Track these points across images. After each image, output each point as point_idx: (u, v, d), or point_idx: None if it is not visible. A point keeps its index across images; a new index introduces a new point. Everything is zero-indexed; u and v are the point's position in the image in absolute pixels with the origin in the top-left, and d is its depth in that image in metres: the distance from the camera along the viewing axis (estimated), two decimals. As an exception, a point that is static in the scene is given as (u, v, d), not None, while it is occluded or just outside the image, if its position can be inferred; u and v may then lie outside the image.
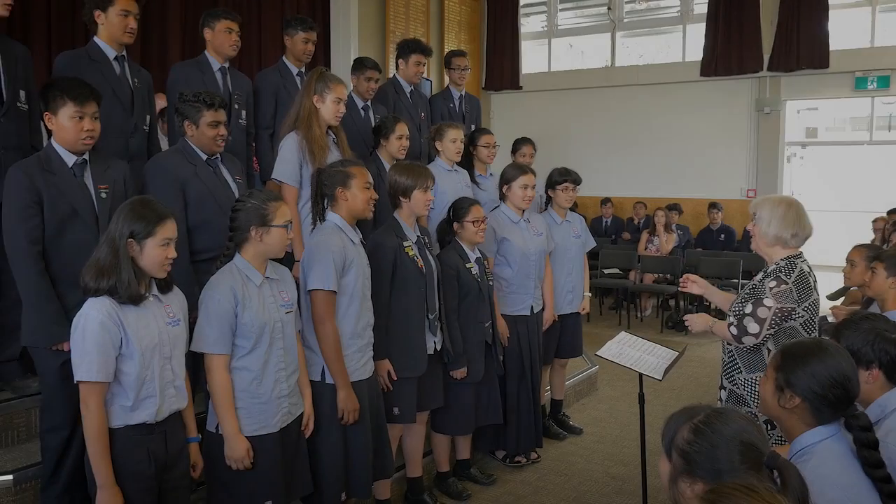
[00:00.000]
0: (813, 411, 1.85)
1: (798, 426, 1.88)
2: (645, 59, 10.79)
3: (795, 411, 1.87)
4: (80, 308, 2.35)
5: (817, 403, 1.84)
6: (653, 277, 8.70)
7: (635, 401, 3.72)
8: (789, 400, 1.87)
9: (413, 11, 9.69)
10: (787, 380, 1.88)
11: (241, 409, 2.66)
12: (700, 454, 1.53)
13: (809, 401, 1.85)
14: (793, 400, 1.87)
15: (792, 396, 1.87)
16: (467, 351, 3.75)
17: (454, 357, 3.67)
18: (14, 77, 3.19)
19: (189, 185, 3.14)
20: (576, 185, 4.63)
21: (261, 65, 8.23)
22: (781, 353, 1.96)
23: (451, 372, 3.70)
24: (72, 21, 6.90)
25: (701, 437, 1.55)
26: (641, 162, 10.40)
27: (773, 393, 1.92)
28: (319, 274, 2.95)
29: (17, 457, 3.18)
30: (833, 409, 1.85)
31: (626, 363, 3.57)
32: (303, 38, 4.48)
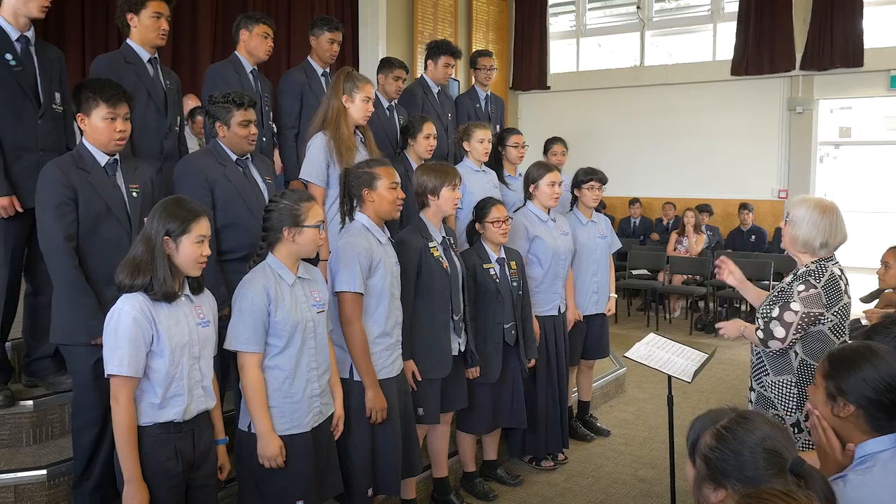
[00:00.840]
0: (868, 418, 1.79)
1: (856, 434, 1.81)
2: (674, 58, 10.69)
3: (850, 419, 1.81)
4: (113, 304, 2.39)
5: (872, 409, 1.78)
6: (682, 278, 8.62)
7: (663, 403, 3.69)
8: (843, 409, 1.81)
9: (441, 12, 9.70)
10: (839, 388, 1.81)
11: (273, 408, 2.67)
12: (722, 460, 1.51)
13: (864, 408, 1.78)
14: (847, 408, 1.80)
15: (845, 405, 1.81)
16: (482, 352, 3.74)
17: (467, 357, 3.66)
18: (50, 80, 3.25)
19: (218, 186, 3.17)
20: (601, 185, 4.60)
21: (290, 65, 8.29)
22: (829, 360, 1.89)
23: (464, 371, 3.69)
24: (105, 24, 7.01)
25: (723, 443, 1.52)
26: (670, 162, 10.31)
27: (824, 402, 1.85)
28: (346, 276, 2.97)
29: (50, 452, 3.23)
30: (888, 414, 1.78)
31: (655, 365, 3.54)
32: (328, 38, 4.51)
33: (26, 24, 3.18)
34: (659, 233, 9.84)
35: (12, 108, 3.12)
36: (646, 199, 10.32)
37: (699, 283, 8.46)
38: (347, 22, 8.57)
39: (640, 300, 9.28)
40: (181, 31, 7.29)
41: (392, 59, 4.80)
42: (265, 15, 4.25)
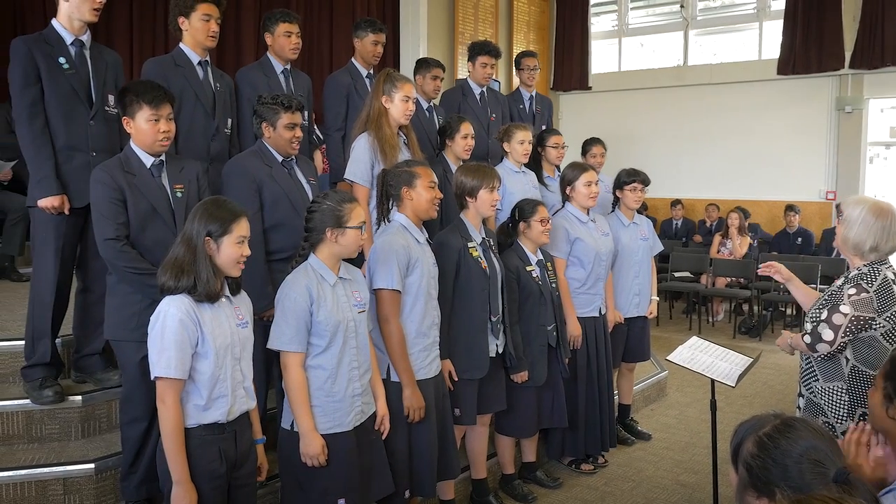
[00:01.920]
0: None
1: None
2: (719, 57, 10.52)
3: None
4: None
5: None
6: (725, 281, 8.48)
7: (706, 407, 3.64)
8: None
9: (482, 12, 9.69)
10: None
11: (315, 407, 2.69)
12: (764, 469, 1.47)
13: None
14: None
15: None
16: (529, 354, 3.72)
17: (515, 360, 3.65)
18: (103, 82, 3.32)
19: (265, 187, 3.21)
20: (644, 186, 4.55)
21: (331, 66, 8.37)
22: (891, 360, 1.85)
23: (512, 375, 3.68)
24: (153, 28, 7.16)
25: (765, 451, 1.49)
26: (714, 163, 10.16)
27: (881, 403, 1.81)
28: (384, 274, 2.98)
29: (98, 446, 3.30)
30: None
31: (698, 369, 3.49)
32: (372, 39, 4.54)
33: (81, 27, 3.26)
34: (702, 234, 9.71)
35: (64, 110, 3.20)
36: (688, 201, 10.18)
37: (743, 285, 8.32)
38: (388, 23, 8.62)
39: (683, 303, 9.16)
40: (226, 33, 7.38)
41: (428, 59, 4.81)
42: (287, 12, 4.21)
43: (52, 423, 3.33)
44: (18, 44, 3.17)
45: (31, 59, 3.14)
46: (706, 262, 8.58)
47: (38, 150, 3.16)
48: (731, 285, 8.44)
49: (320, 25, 8.56)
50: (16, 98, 3.17)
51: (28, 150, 3.18)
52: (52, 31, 3.24)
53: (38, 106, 3.16)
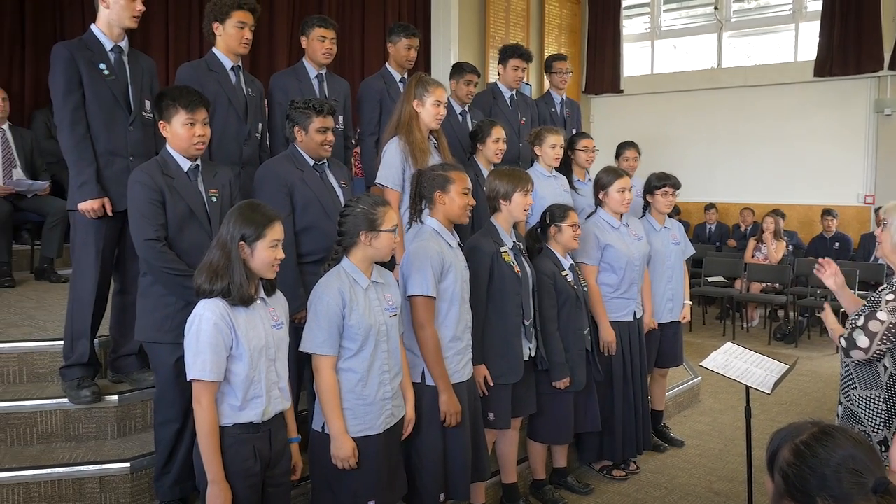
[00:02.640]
0: None
1: None
2: (753, 59, 10.39)
3: None
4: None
5: None
6: (760, 286, 8.37)
7: (740, 414, 3.59)
8: None
9: (513, 16, 9.69)
10: None
11: (346, 410, 2.71)
12: (801, 478, 1.45)
13: None
14: None
15: None
16: (569, 360, 3.71)
17: (556, 366, 3.63)
18: (141, 88, 3.38)
19: (296, 190, 3.24)
20: (675, 190, 4.51)
21: (363, 70, 8.43)
22: None
23: (554, 382, 3.66)
24: (188, 34, 7.27)
25: (802, 459, 1.46)
26: (749, 166, 10.03)
27: None
28: (418, 280, 2.98)
29: (133, 446, 3.35)
30: None
31: (733, 375, 3.44)
32: (405, 44, 4.56)
33: (120, 34, 3.32)
34: (736, 239, 9.59)
35: (105, 116, 3.25)
36: (722, 205, 10.06)
37: (779, 291, 8.20)
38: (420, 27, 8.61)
39: (716, 308, 9.05)
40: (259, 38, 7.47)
41: (463, 64, 4.82)
42: (322, 17, 4.27)
43: (89, 423, 3.39)
44: (61, 49, 3.21)
45: (74, 64, 3.19)
46: (740, 267, 8.47)
47: (80, 155, 3.22)
48: (766, 290, 8.33)
49: (352, 30, 8.62)
50: (58, 103, 3.22)
51: (70, 154, 3.23)
52: (92, 37, 3.29)
53: (80, 111, 3.21)
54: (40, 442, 3.33)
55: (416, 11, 9.10)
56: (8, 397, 3.39)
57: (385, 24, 8.55)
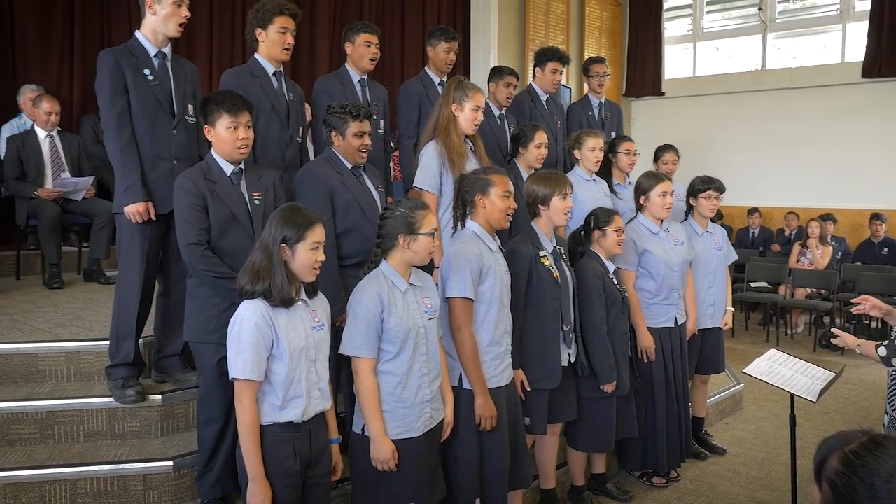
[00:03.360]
0: None
1: None
2: (799, 60, 10.19)
3: None
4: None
5: None
6: (805, 292, 8.20)
7: (784, 423, 3.53)
8: None
9: (553, 19, 9.65)
10: None
11: (386, 413, 2.72)
12: (850, 487, 1.42)
13: None
14: None
15: None
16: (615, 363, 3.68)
17: (605, 369, 3.60)
18: (184, 93, 3.44)
19: (336, 193, 3.27)
20: (719, 194, 4.44)
21: (403, 73, 8.48)
22: None
23: (602, 386, 3.63)
24: (231, 40, 7.39)
25: (851, 469, 1.43)
26: (793, 170, 9.83)
27: None
28: (457, 282, 2.98)
29: (176, 444, 3.41)
30: None
31: (777, 382, 3.38)
32: (445, 47, 4.57)
33: (164, 40, 3.38)
34: (780, 244, 9.41)
35: (149, 120, 3.32)
36: (766, 209, 9.88)
37: (824, 297, 8.03)
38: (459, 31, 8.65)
39: (760, 314, 8.90)
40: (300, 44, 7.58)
41: (502, 67, 4.82)
42: (367, 24, 4.31)
43: (134, 421, 3.46)
44: (107, 56, 3.29)
45: (119, 70, 3.26)
46: (785, 273, 8.31)
47: (125, 159, 3.29)
48: (811, 296, 8.16)
49: (392, 35, 8.67)
50: (104, 108, 3.30)
51: (116, 158, 3.30)
52: (137, 43, 3.36)
53: (126, 116, 3.28)
54: (87, 440, 3.41)
55: (456, 15, 9.12)
56: (56, 395, 3.47)
57: (424, 27, 8.60)
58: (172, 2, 3.31)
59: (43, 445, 3.36)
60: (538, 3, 9.43)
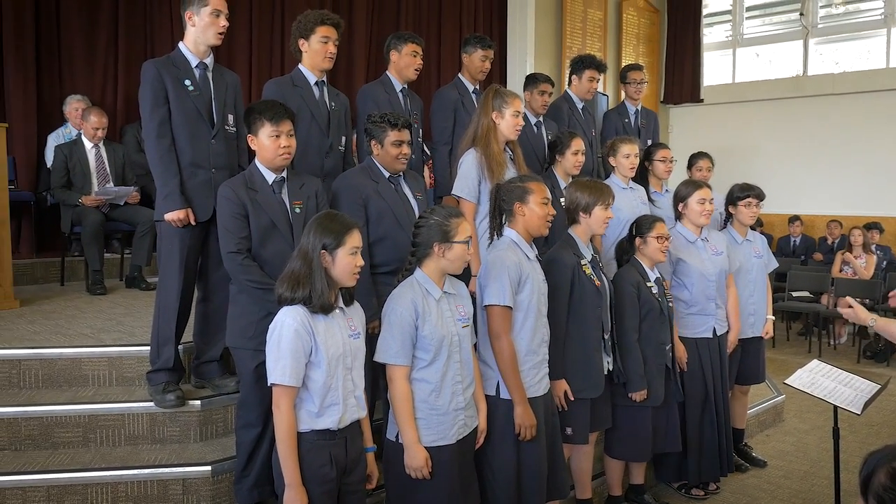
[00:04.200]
0: None
1: None
2: (841, 66, 10.01)
3: None
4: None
5: None
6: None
7: (827, 435, 3.46)
8: None
9: (590, 26, 9.61)
10: None
11: (420, 420, 2.72)
12: None
13: None
14: None
15: None
16: (647, 373, 3.63)
17: (634, 378, 3.57)
18: (224, 102, 3.50)
19: (370, 201, 3.29)
20: (759, 201, 4.37)
21: (439, 80, 8.51)
22: None
23: (631, 394, 3.59)
24: (269, 49, 7.49)
25: None
26: (836, 177, 9.64)
27: None
28: (495, 290, 2.98)
29: (214, 449, 3.45)
30: None
31: (820, 394, 3.31)
32: (481, 55, 4.58)
33: (206, 51, 3.45)
34: (822, 252, 9.23)
35: (189, 130, 3.38)
36: (807, 217, 9.70)
37: (869, 307, 7.84)
38: (495, 38, 8.68)
39: (801, 324, 8.73)
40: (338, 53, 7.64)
41: (537, 75, 4.81)
42: (414, 34, 4.36)
43: (174, 426, 3.51)
44: (149, 67, 3.37)
45: (161, 81, 3.33)
46: (827, 282, 8.15)
47: (165, 168, 3.35)
48: (854, 306, 7.97)
49: (428, 43, 8.70)
50: (146, 118, 3.37)
51: (156, 167, 3.37)
52: (179, 54, 3.43)
53: (166, 126, 3.35)
54: (128, 443, 3.47)
55: (493, 22, 9.14)
56: (98, 400, 3.54)
57: (461, 35, 8.62)
58: (210, 12, 3.38)
59: (85, 449, 3.43)
60: (575, 10, 9.40)
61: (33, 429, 3.40)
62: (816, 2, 10.04)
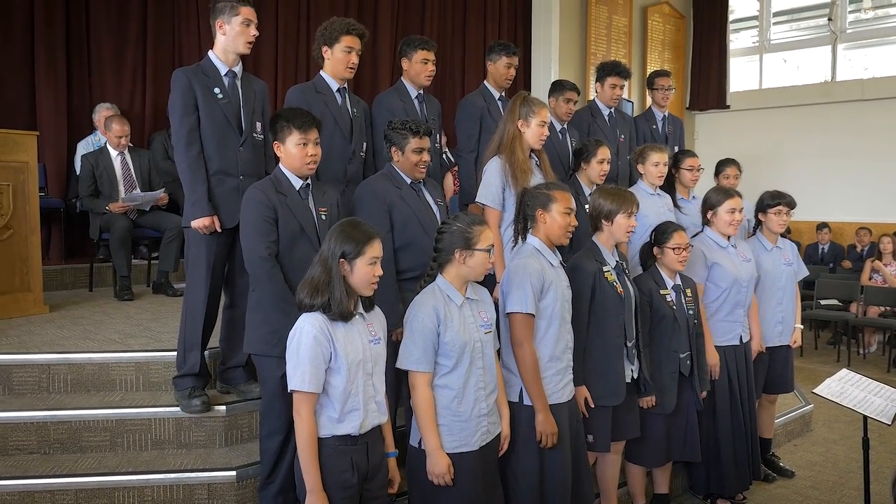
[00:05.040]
0: None
1: None
2: (871, 71, 9.88)
3: None
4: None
5: None
6: (879, 310, 7.90)
7: (857, 445, 3.41)
8: None
9: (615, 33, 9.58)
10: None
11: (442, 427, 2.72)
12: None
13: None
14: None
15: None
16: (657, 379, 3.61)
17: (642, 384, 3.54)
18: (252, 110, 3.53)
19: (395, 208, 3.30)
20: (790, 209, 4.32)
21: (463, 87, 8.53)
22: None
23: (639, 399, 3.57)
24: (295, 57, 7.56)
25: None
26: (865, 184, 9.49)
27: None
28: (518, 297, 2.97)
29: (239, 455, 3.47)
30: None
31: (849, 404, 3.26)
32: (506, 63, 4.57)
33: (235, 59, 3.49)
34: (851, 260, 9.10)
35: (218, 137, 3.42)
36: (836, 224, 9.57)
37: (899, 316, 7.73)
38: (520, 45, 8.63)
39: (830, 333, 8.61)
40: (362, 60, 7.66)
41: (563, 82, 4.79)
42: (424, 39, 4.30)
43: (199, 431, 3.54)
44: (179, 75, 3.41)
45: (190, 89, 3.37)
46: (856, 290, 8.03)
47: (193, 175, 3.39)
48: (885, 315, 7.86)
49: (453, 50, 8.73)
50: (175, 125, 3.41)
51: (185, 174, 3.41)
52: (209, 62, 3.47)
53: (195, 133, 3.39)
54: (154, 448, 3.50)
55: (517, 29, 9.14)
56: (125, 404, 3.58)
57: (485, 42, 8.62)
58: (241, 21, 3.42)
59: (112, 453, 3.46)
60: (600, 16, 9.38)
61: (62, 433, 3.44)
62: (845, 7, 9.93)
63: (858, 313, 7.99)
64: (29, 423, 3.43)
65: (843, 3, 9.92)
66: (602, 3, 9.42)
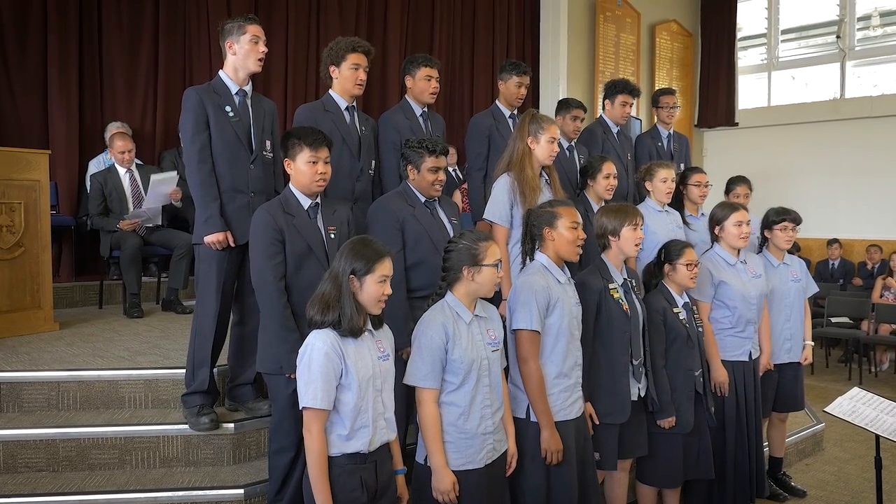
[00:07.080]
0: None
1: None
2: (880, 88, 9.89)
3: None
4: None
5: None
6: (890, 328, 7.85)
7: (869, 465, 3.38)
8: None
9: (623, 50, 9.63)
10: None
11: (448, 444, 2.72)
12: None
13: None
14: None
15: None
16: (675, 399, 3.59)
17: (662, 405, 3.52)
18: (262, 129, 3.57)
19: (407, 226, 3.32)
20: (795, 225, 4.31)
21: (472, 106, 8.57)
22: None
23: (658, 421, 3.55)
24: (305, 75, 7.62)
25: None
26: (875, 200, 9.47)
27: None
28: (523, 314, 2.98)
29: (247, 472, 3.47)
30: None
31: (861, 422, 3.24)
32: (516, 82, 4.58)
33: (245, 78, 3.53)
34: (862, 277, 9.06)
35: (229, 155, 3.46)
36: (846, 241, 9.54)
37: (911, 333, 7.67)
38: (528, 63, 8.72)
39: (841, 350, 8.55)
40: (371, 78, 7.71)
41: (569, 100, 4.81)
42: (427, 57, 4.29)
43: (207, 449, 3.54)
44: (191, 94, 3.45)
45: (202, 107, 3.41)
46: (867, 307, 7.99)
47: (205, 192, 3.42)
48: (896, 332, 7.81)
49: (462, 68, 8.79)
50: (187, 143, 3.45)
51: (197, 190, 3.44)
52: (220, 81, 3.52)
53: (207, 151, 3.42)
54: (162, 465, 3.51)
55: (525, 47, 9.20)
56: (134, 422, 3.59)
57: (494, 60, 8.69)
58: (249, 39, 3.47)
59: (121, 470, 3.47)
60: (608, 34, 9.43)
61: (71, 450, 3.45)
62: (853, 24, 9.95)
63: (869, 331, 7.94)
64: (38, 440, 3.44)
65: (851, 21, 9.94)
66: (610, 20, 9.48)
